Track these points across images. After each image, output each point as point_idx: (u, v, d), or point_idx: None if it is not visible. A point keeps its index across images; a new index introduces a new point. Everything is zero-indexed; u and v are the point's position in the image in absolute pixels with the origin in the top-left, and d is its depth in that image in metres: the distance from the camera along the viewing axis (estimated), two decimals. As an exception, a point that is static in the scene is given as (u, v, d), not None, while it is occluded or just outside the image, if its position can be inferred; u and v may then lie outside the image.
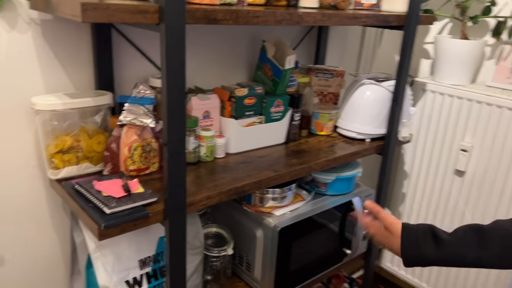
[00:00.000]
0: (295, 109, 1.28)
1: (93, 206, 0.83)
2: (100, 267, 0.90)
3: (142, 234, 0.97)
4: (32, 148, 0.99)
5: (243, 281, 1.27)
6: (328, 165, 1.20)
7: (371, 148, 1.32)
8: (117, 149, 0.97)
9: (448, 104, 1.62)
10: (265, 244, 1.15)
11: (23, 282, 1.07)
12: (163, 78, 0.76)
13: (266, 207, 1.20)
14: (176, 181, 0.83)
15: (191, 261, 1.03)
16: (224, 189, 0.97)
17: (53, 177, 0.95)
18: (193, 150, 1.08)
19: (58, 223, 1.08)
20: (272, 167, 1.10)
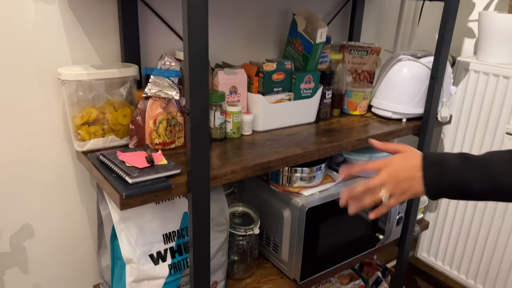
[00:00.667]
0: (327, 86, 1.22)
1: (116, 176, 0.82)
2: (124, 239, 0.90)
3: (167, 208, 0.96)
4: (60, 121, 1.00)
5: (270, 263, 1.24)
6: (361, 145, 1.14)
7: (407, 128, 1.25)
8: (142, 122, 0.95)
9: (492, 84, 1.51)
10: (293, 225, 1.11)
11: (53, 254, 1.09)
12: (184, 45, 0.73)
13: (294, 187, 1.16)
14: (199, 152, 0.80)
15: (216, 238, 1.01)
16: (249, 164, 0.94)
17: (79, 149, 0.95)
18: (219, 126, 1.05)
19: (86, 196, 1.09)
20: (300, 145, 1.06)
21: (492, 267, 1.64)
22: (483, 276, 1.68)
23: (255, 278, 1.17)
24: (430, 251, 1.85)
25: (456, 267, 1.77)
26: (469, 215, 1.68)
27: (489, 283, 1.66)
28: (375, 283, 1.63)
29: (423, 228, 1.54)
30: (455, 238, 1.74)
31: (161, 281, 0.94)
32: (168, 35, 1.11)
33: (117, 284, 0.96)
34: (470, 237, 1.69)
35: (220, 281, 1.05)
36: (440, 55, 1.19)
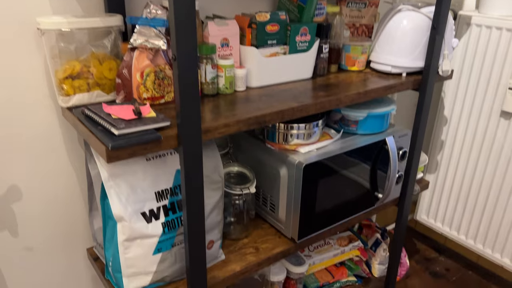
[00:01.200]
0: (324, 39, 1.17)
1: (102, 129, 0.78)
2: (114, 197, 0.86)
3: (158, 166, 0.92)
4: (43, 76, 0.95)
5: (267, 223, 1.21)
6: (359, 99, 1.10)
7: (407, 82, 1.21)
8: (129, 75, 0.90)
9: (495, 37, 1.46)
10: (289, 183, 1.08)
11: (42, 217, 1.06)
12: (169, -19, 0.68)
13: (291, 145, 1.12)
14: (189, 102, 0.76)
15: (210, 196, 0.98)
16: (243, 117, 0.89)
17: (64, 104, 0.90)
18: (210, 81, 1.01)
19: (74, 157, 1.05)
20: (296, 99, 1.01)
21: (492, 227, 1.63)
22: (483, 236, 1.67)
23: (252, 238, 1.15)
24: (430, 213, 1.83)
25: (456, 228, 1.75)
26: (469, 175, 1.65)
27: (489, 243, 1.65)
28: (374, 244, 1.61)
29: (423, 188, 1.51)
30: (455, 199, 1.72)
31: (155, 240, 0.91)
32: (155, -15, 1.04)
33: (109, 244, 0.94)
34: (470, 198, 1.67)
35: (216, 240, 1.03)
36: (441, 3, 1.13)
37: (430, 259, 1.98)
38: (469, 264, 1.92)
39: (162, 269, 0.94)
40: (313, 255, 1.48)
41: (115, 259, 0.91)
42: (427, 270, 1.90)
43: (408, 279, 1.84)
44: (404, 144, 1.27)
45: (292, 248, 1.13)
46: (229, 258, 1.07)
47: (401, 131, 1.26)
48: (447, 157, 1.71)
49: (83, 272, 1.18)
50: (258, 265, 1.07)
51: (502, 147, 1.52)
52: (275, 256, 1.10)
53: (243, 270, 1.04)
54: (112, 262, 0.93)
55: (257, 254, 1.09)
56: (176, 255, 0.96)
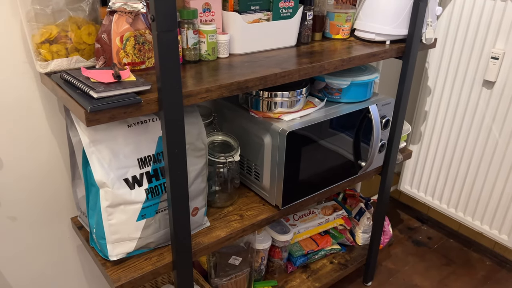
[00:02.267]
0: (307, 6, 1.16)
1: (81, 93, 0.77)
2: (96, 163, 0.86)
3: (141, 132, 0.92)
4: (19, 42, 0.92)
5: (252, 191, 1.22)
6: (343, 66, 1.09)
7: (391, 50, 1.21)
8: (108, 40, 0.89)
9: (479, 6, 1.46)
10: (273, 150, 1.09)
11: (25, 187, 1.05)
12: None
13: (275, 113, 1.12)
14: (169, 64, 0.75)
15: (194, 164, 0.98)
16: (225, 83, 0.89)
17: (42, 70, 0.88)
18: (192, 47, 0.99)
19: (55, 124, 1.04)
20: (279, 66, 1.01)
21: (473, 196, 1.66)
22: (464, 204, 1.70)
23: (237, 206, 1.16)
24: (413, 183, 1.87)
25: (438, 197, 1.79)
26: (451, 145, 1.68)
27: (469, 211, 1.69)
28: (358, 213, 1.64)
29: (406, 157, 1.53)
30: (437, 169, 1.75)
31: (138, 206, 0.91)
32: None
33: (92, 211, 0.93)
34: (452, 167, 1.70)
35: (201, 207, 1.03)
36: (426, -31, 1.12)
37: (413, 228, 2.02)
38: (451, 232, 1.98)
39: (146, 235, 0.95)
40: (298, 224, 1.50)
41: (99, 226, 0.92)
42: (410, 239, 1.95)
43: (391, 247, 1.88)
44: (387, 113, 1.28)
45: (276, 215, 1.15)
46: (214, 225, 1.08)
47: (385, 100, 1.26)
48: (431, 127, 1.73)
49: (68, 241, 1.18)
50: (242, 231, 1.08)
51: (484, 116, 1.55)
52: (260, 222, 1.12)
53: (227, 236, 1.06)
54: (96, 229, 0.93)
55: (241, 221, 1.10)
56: (160, 221, 0.96)
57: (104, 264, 0.95)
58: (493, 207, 1.61)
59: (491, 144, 1.55)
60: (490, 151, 1.56)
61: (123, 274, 0.92)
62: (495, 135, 1.53)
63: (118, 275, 0.91)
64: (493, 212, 1.62)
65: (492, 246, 1.85)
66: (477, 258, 1.84)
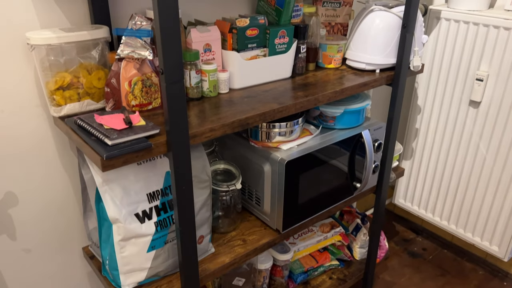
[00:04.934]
0: (301, 40, 1.23)
1: (95, 139, 0.83)
2: (109, 200, 0.92)
3: (149, 169, 0.98)
4: (33, 87, 0.99)
5: (253, 215, 1.29)
6: (336, 97, 1.16)
7: (381, 79, 1.28)
8: (117, 84, 0.95)
9: (463, 31, 1.54)
10: (273, 178, 1.15)
11: (39, 220, 1.11)
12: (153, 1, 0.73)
13: (273, 142, 1.19)
14: (176, 111, 0.82)
15: (199, 195, 1.04)
16: (227, 121, 0.95)
17: (56, 114, 0.94)
18: (195, 85, 1.06)
19: (67, 162, 1.10)
20: (277, 100, 1.07)
21: (464, 209, 1.74)
22: (456, 217, 1.78)
23: (239, 231, 1.22)
24: (407, 197, 1.94)
25: (431, 211, 1.86)
26: (442, 160, 1.75)
27: (461, 224, 1.77)
28: (355, 229, 1.71)
29: (399, 175, 1.60)
30: (429, 183, 1.83)
31: (148, 238, 0.97)
32: (137, -6, 1.08)
33: (105, 244, 0.99)
34: (443, 182, 1.78)
35: (206, 235, 1.10)
36: (411, 3, 1.20)
37: (408, 240, 2.09)
38: (445, 243, 2.05)
39: (156, 265, 1.01)
40: (298, 242, 1.57)
41: (112, 257, 0.98)
42: (406, 251, 2.02)
43: (388, 260, 1.95)
44: (379, 136, 1.35)
45: (277, 238, 1.21)
46: (218, 251, 1.14)
47: (376, 124, 1.33)
48: (422, 144, 1.80)
49: (79, 269, 1.24)
50: (246, 256, 1.15)
51: (471, 134, 1.62)
52: (262, 246, 1.18)
53: (232, 262, 1.12)
54: (109, 261, 0.99)
55: (244, 246, 1.16)
56: (169, 251, 1.02)
57: (117, 293, 1.00)
58: (483, 219, 1.68)
59: (479, 160, 1.63)
60: (478, 166, 1.63)
61: (136, 303, 0.98)
62: (482, 152, 1.61)
63: (131, 304, 0.97)
64: (483, 225, 1.69)
65: (485, 256, 1.92)
66: (470, 268, 1.91)
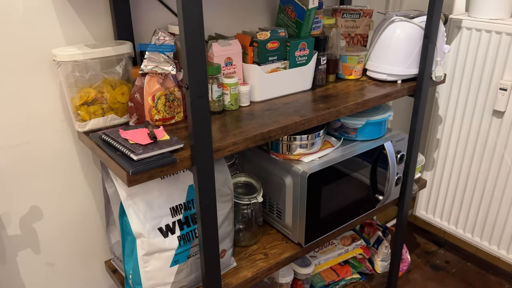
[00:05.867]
0: (321, 52, 1.22)
1: (120, 154, 0.83)
2: (133, 215, 0.92)
3: (172, 183, 0.98)
4: (58, 103, 1.00)
5: (274, 229, 1.27)
6: (358, 109, 1.15)
7: (403, 90, 1.26)
8: (141, 99, 0.96)
9: (485, 40, 1.51)
10: (295, 191, 1.14)
11: (62, 234, 1.11)
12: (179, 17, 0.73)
13: (294, 155, 1.18)
14: (201, 126, 0.82)
15: (221, 208, 1.04)
16: (250, 135, 0.95)
17: (80, 129, 0.95)
18: (217, 99, 1.06)
19: (90, 176, 1.11)
20: (298, 113, 1.07)
21: (488, 221, 1.69)
22: (480, 229, 1.73)
23: (261, 244, 1.21)
24: (428, 208, 1.90)
25: (454, 223, 1.82)
26: (465, 171, 1.72)
27: (486, 236, 1.72)
28: (376, 242, 1.68)
29: (421, 187, 1.57)
30: (452, 195, 1.79)
31: (172, 253, 0.97)
32: (160, 10, 1.09)
33: (128, 258, 0.99)
34: (466, 193, 1.74)
35: (228, 249, 1.09)
36: (433, 13, 1.19)
37: (430, 252, 2.05)
38: (468, 256, 2.00)
39: (179, 280, 1.00)
40: (318, 256, 1.55)
41: (135, 272, 0.97)
42: (428, 263, 1.97)
43: (410, 273, 1.91)
44: (401, 148, 1.33)
45: (299, 252, 1.19)
46: (240, 265, 1.13)
47: (399, 136, 1.32)
48: (443, 155, 1.77)
49: (101, 283, 1.24)
50: (268, 270, 1.13)
51: (496, 144, 1.59)
52: (284, 260, 1.16)
53: (254, 276, 1.10)
54: (132, 275, 0.99)
55: (266, 260, 1.15)
56: (191, 265, 1.02)
57: (140, 308, 1.00)
58: (509, 232, 1.64)
59: (504, 171, 1.59)
60: (503, 177, 1.60)
61: (159, 318, 0.97)
62: (507, 162, 1.57)
63: (154, 319, 0.97)
64: (509, 237, 1.64)
65: (511, 269, 1.86)
66: (495, 282, 1.86)
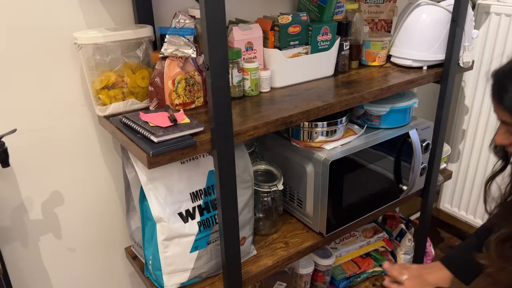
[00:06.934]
0: (344, 37, 1.19)
1: (141, 137, 0.82)
2: (153, 199, 0.91)
3: (192, 168, 0.97)
4: (79, 87, 1.00)
5: (295, 218, 1.25)
6: (382, 94, 1.12)
7: (428, 76, 1.22)
8: (161, 83, 0.95)
9: (516, 25, 1.46)
10: (316, 179, 1.12)
11: (84, 220, 1.12)
12: None
13: (316, 142, 1.15)
14: (221, 108, 0.80)
15: (241, 195, 1.02)
16: (270, 119, 0.93)
17: (101, 113, 0.95)
18: (237, 84, 1.04)
19: (110, 161, 1.11)
20: (320, 98, 1.04)
21: (517, 214, 1.63)
22: (508, 223, 1.67)
23: (281, 233, 1.19)
24: (453, 201, 1.85)
25: (480, 216, 1.76)
26: (492, 163, 1.65)
27: (514, 230, 1.66)
28: (399, 235, 1.64)
29: (446, 178, 1.53)
30: (478, 187, 1.73)
31: (192, 238, 0.96)
32: (180, -6, 1.08)
33: (148, 244, 0.99)
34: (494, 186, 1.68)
35: (248, 236, 1.07)
36: (461, -4, 1.14)
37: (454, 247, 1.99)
38: (494, 251, 1.93)
39: (199, 266, 0.99)
40: (340, 247, 1.52)
41: (155, 258, 0.97)
42: (452, 258, 1.91)
43: (433, 267, 1.86)
44: (427, 136, 1.29)
45: (320, 242, 1.17)
46: (260, 253, 1.12)
47: (424, 124, 1.28)
48: (469, 146, 1.71)
49: (121, 269, 1.24)
50: (288, 259, 1.11)
51: (525, 135, 1.52)
52: (304, 250, 1.14)
53: (274, 265, 1.09)
54: (152, 261, 0.99)
55: (287, 249, 1.13)
56: (211, 252, 1.00)
57: (160, 294, 0.99)
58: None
59: (534, 162, 1.52)
60: (533, 169, 1.53)
61: (179, 304, 0.96)
62: (538, 153, 1.50)
63: (174, 305, 0.96)
64: (539, 231, 1.58)
65: (540, 265, 1.79)
66: (524, 278, 1.79)
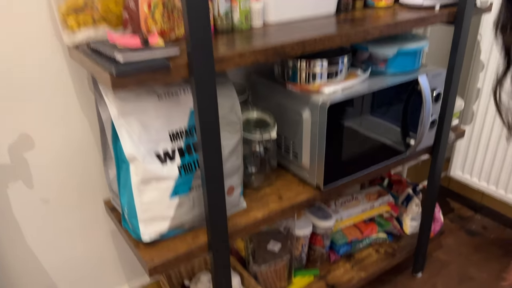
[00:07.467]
0: (347, -30, 1.07)
1: (107, 57, 0.72)
2: (125, 136, 0.81)
3: (172, 105, 0.86)
4: (47, 16, 0.89)
5: (290, 173, 1.15)
6: (389, 31, 1.00)
7: (441, 15, 1.09)
8: (135, 7, 0.84)
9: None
10: (313, 126, 1.00)
11: (56, 167, 1.02)
12: None
13: (314, 85, 1.04)
14: (199, 22, 0.69)
15: (228, 138, 0.91)
16: (260, 47, 0.82)
17: (69, 41, 0.85)
18: (224, 15, 0.93)
19: (85, 102, 1.01)
20: (319, 31, 0.93)
21: (535, 179, 1.51)
22: (524, 189, 1.55)
23: (275, 187, 1.09)
24: (465, 167, 1.72)
25: (494, 182, 1.64)
26: (509, 125, 1.53)
27: (531, 197, 1.54)
28: (406, 199, 1.53)
29: (459, 136, 1.40)
30: (492, 152, 1.61)
31: (171, 183, 0.86)
32: None
33: (123, 190, 0.89)
34: (510, 151, 1.55)
35: (237, 186, 0.97)
36: None
37: (465, 218, 1.88)
38: (508, 221, 1.81)
39: (180, 214, 0.90)
40: (340, 211, 1.41)
41: (130, 204, 0.87)
42: (463, 229, 1.80)
43: (442, 236, 1.75)
44: (438, 85, 1.17)
45: (317, 195, 1.06)
46: (251, 206, 1.02)
47: (435, 70, 1.15)
48: (484, 107, 1.58)
49: (102, 225, 1.15)
50: (281, 213, 1.01)
51: (547, 91, 1.39)
52: (300, 204, 1.04)
53: (265, 218, 0.99)
54: (127, 208, 0.89)
55: (280, 202, 1.03)
56: (194, 200, 0.90)
57: (137, 246, 0.90)
58: (560, 191, 1.45)
59: (556, 121, 1.39)
60: (555, 128, 1.40)
61: (156, 255, 0.87)
62: (560, 111, 1.37)
63: (151, 256, 0.87)
64: (559, 197, 1.46)
65: (557, 236, 1.68)
66: (539, 249, 1.68)
